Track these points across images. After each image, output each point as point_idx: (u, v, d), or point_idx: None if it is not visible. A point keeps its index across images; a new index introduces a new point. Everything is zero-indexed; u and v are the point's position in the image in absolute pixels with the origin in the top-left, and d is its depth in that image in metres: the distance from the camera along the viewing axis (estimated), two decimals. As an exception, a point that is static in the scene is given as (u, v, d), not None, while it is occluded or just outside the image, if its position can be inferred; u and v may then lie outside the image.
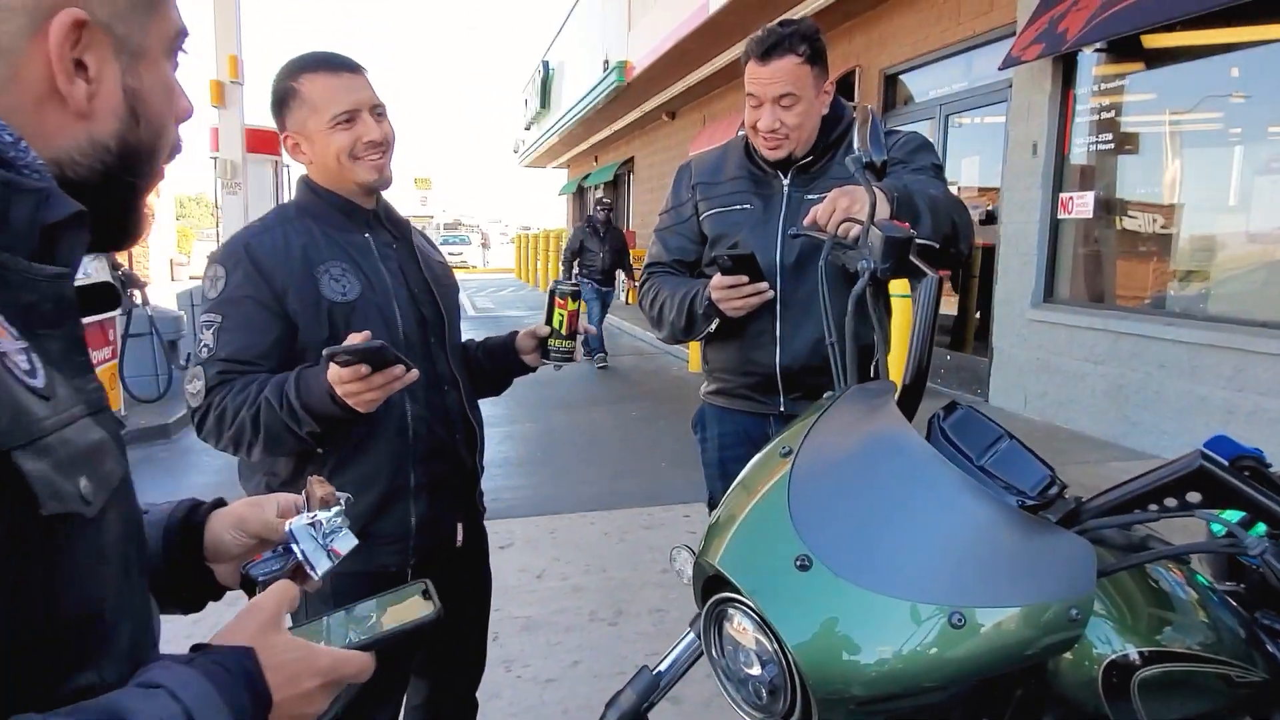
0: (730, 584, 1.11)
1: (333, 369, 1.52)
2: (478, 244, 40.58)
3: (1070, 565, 1.04)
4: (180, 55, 0.78)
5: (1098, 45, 6.05)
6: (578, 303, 1.77)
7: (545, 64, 22.44)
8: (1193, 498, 1.01)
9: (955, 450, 1.18)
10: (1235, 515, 1.20)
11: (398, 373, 1.60)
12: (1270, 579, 1.40)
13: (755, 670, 1.11)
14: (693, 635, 1.34)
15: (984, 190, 7.68)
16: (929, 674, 1.01)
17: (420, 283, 1.78)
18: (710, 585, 1.17)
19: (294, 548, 0.91)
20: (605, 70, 14.64)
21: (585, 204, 26.36)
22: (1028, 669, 1.17)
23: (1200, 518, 1.01)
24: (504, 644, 3.21)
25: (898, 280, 4.22)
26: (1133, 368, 5.73)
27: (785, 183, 2.01)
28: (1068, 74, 6.41)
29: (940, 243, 1.67)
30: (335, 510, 0.92)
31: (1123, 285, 6.30)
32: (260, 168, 12.28)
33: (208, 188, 12.47)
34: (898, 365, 1.37)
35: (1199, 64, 5.58)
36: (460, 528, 1.83)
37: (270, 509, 0.96)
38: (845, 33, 9.33)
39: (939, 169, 2.02)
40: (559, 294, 1.78)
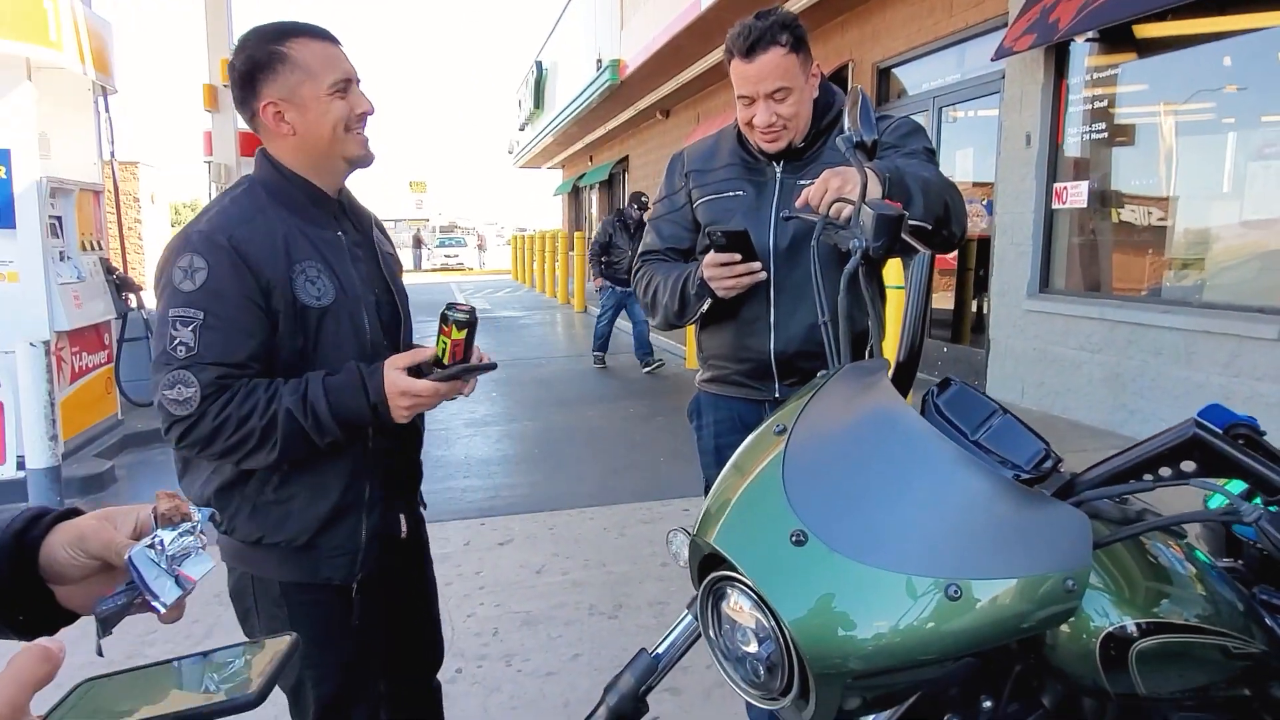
0: (726, 563, 1.11)
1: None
2: (473, 246, 40.52)
3: (1066, 537, 1.04)
4: None
5: (1089, 35, 6.06)
6: (463, 331, 1.60)
7: (538, 64, 22.45)
8: (1187, 467, 1.01)
9: (949, 426, 1.18)
10: (1238, 487, 1.21)
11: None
12: (1267, 547, 1.40)
13: (752, 648, 1.11)
14: (691, 617, 1.34)
15: (979, 184, 7.68)
16: (926, 647, 1.01)
17: (382, 284, 1.73)
18: (706, 565, 1.17)
19: (132, 576, 0.76)
20: (598, 69, 14.65)
21: (581, 203, 26.36)
22: (1026, 644, 1.17)
23: (1195, 486, 1.01)
24: (504, 639, 3.21)
25: (893, 271, 4.21)
26: (1129, 356, 5.74)
27: (778, 169, 2.01)
28: (1060, 64, 6.42)
29: (933, 224, 1.66)
30: (182, 529, 0.78)
31: (1118, 274, 6.30)
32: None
33: (201, 193, 12.38)
34: (893, 352, 1.37)
35: (1191, 52, 5.59)
36: (403, 519, 1.79)
37: (125, 525, 0.81)
38: (838, 27, 9.33)
39: (931, 153, 2.01)
40: (445, 319, 1.66)
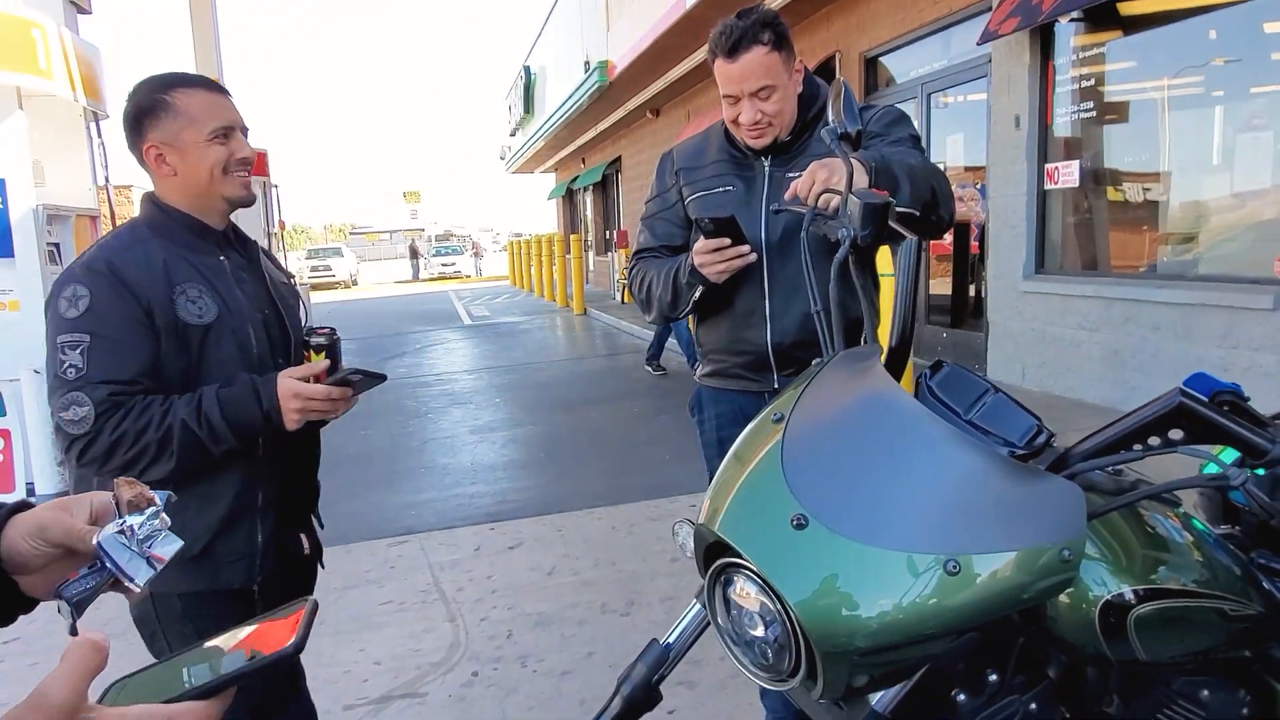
0: (731, 550, 1.13)
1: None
2: (469, 254, 40.55)
3: (1060, 509, 1.07)
4: None
5: (1073, 15, 6.08)
6: (321, 354, 1.66)
7: (527, 69, 22.46)
8: (1175, 435, 1.04)
9: (943, 407, 1.21)
10: (1232, 455, 1.23)
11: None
12: (1255, 509, 1.42)
13: (760, 631, 1.14)
14: (700, 606, 1.37)
15: (970, 168, 7.70)
16: (929, 622, 1.03)
17: (270, 305, 1.81)
18: (711, 552, 1.20)
19: (105, 561, 0.80)
20: (587, 71, 14.66)
21: (575, 206, 26.38)
22: (1028, 617, 1.19)
23: (1183, 454, 1.03)
24: (518, 640, 3.24)
25: (885, 259, 4.24)
26: (1127, 332, 5.76)
27: (766, 163, 2.03)
28: (1045, 45, 6.44)
29: (920, 210, 1.68)
30: (149, 512, 0.83)
31: (1113, 252, 6.32)
32: (249, 189, 12.32)
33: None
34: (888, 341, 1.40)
35: (1176, 27, 5.60)
36: (304, 537, 1.91)
37: (81, 513, 0.84)
38: (823, 18, 9.35)
39: (916, 139, 2.03)
40: (306, 345, 1.73)
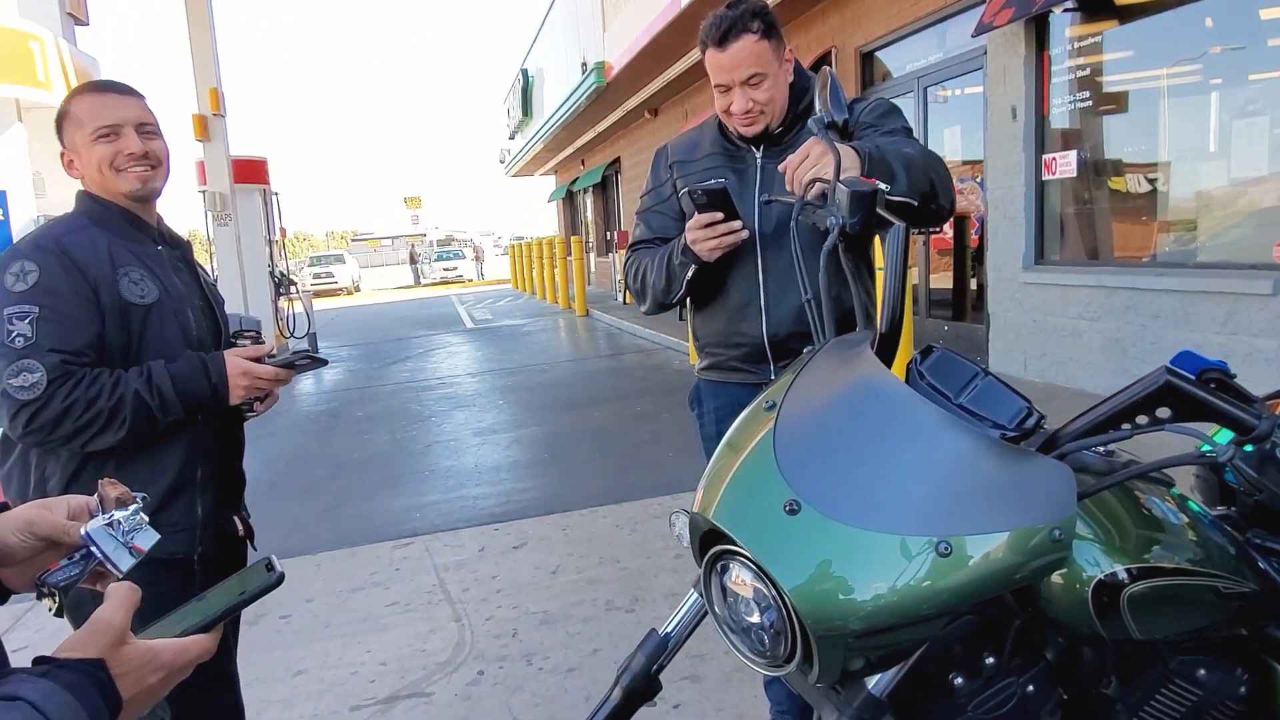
0: (725, 537, 1.14)
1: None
2: (471, 258, 40.60)
3: (1051, 489, 1.07)
4: None
5: (1067, 5, 6.08)
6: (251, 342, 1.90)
7: (524, 72, 22.50)
8: (1162, 413, 1.05)
9: (934, 391, 1.22)
10: (1226, 436, 1.24)
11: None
12: (1242, 484, 1.43)
13: (756, 618, 1.14)
14: (697, 595, 1.38)
15: (969, 162, 7.69)
16: (922, 604, 1.04)
17: (203, 299, 1.92)
18: (706, 541, 1.20)
19: (93, 550, 0.92)
20: (584, 72, 14.69)
21: (576, 208, 26.40)
22: (1023, 599, 1.20)
23: (1171, 432, 1.04)
24: (524, 639, 3.25)
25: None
26: (1128, 321, 5.76)
27: (758, 154, 2.04)
28: (1040, 36, 6.43)
29: (919, 200, 1.68)
30: (133, 508, 0.94)
31: (1113, 241, 6.32)
32: (249, 197, 12.35)
33: (197, 223, 12.42)
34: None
35: (1171, 15, 5.60)
36: (238, 520, 1.99)
37: (61, 511, 0.96)
38: (819, 14, 9.36)
39: (908, 131, 2.04)
40: (232, 344, 1.90)
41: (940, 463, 1.09)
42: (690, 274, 1.98)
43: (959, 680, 1.23)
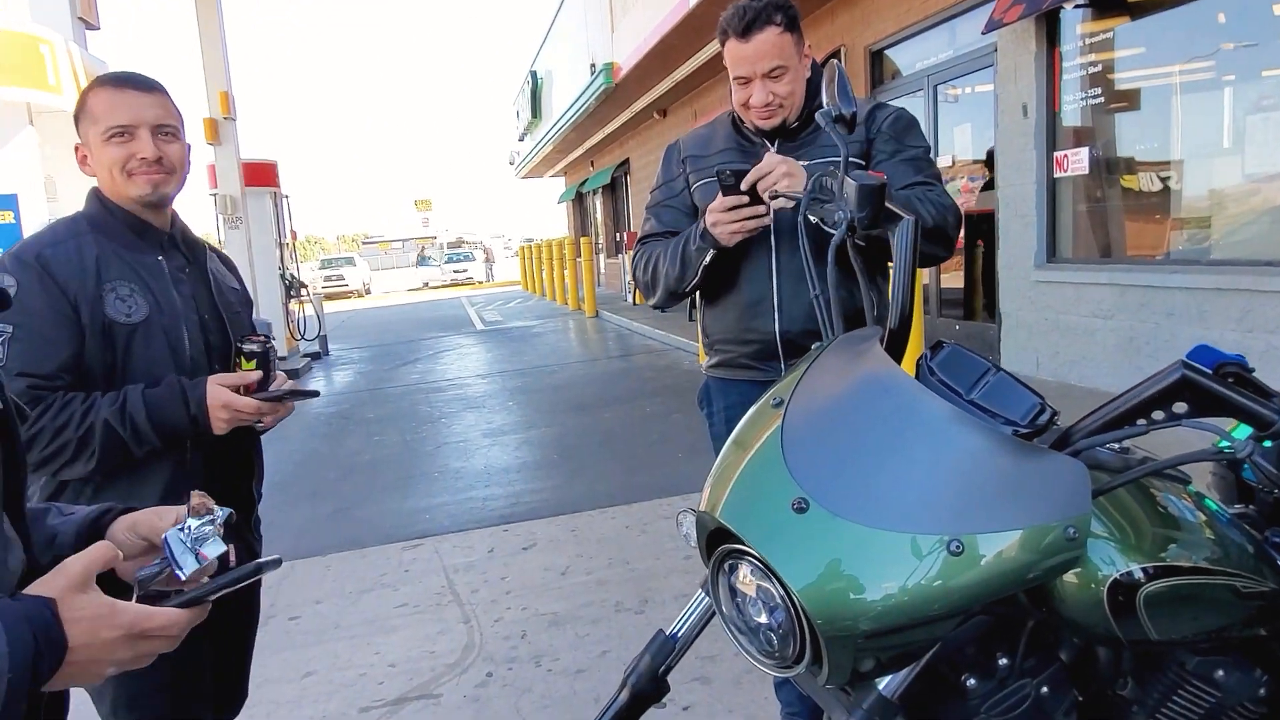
0: (733, 536, 1.12)
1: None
2: (481, 259, 40.74)
3: (1065, 486, 1.05)
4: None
5: (1078, 1, 6.04)
6: (253, 362, 1.65)
7: (533, 74, 22.52)
8: (1179, 408, 1.02)
9: (945, 387, 1.20)
10: (1244, 432, 1.21)
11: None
12: (1261, 481, 1.40)
13: (764, 618, 1.13)
14: (705, 596, 1.36)
15: (978, 161, 7.65)
16: (933, 603, 1.02)
17: (210, 309, 1.78)
18: (714, 541, 1.19)
19: (165, 552, 0.98)
20: (593, 74, 14.68)
21: (585, 209, 26.40)
22: (1037, 599, 1.18)
23: (1188, 427, 1.02)
24: (533, 640, 3.24)
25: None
26: (1142, 319, 5.71)
27: (773, 150, 2.02)
28: (1051, 32, 6.39)
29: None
30: (204, 520, 0.99)
31: (1126, 238, 6.27)
32: (259, 200, 12.40)
33: (209, 226, 12.45)
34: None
35: (1183, 10, 5.55)
36: (233, 550, 1.81)
37: (167, 517, 1.03)
38: (828, 13, 9.33)
39: (927, 151, 2.04)
40: (238, 352, 1.71)
41: (952, 460, 1.07)
42: (707, 259, 1.96)
43: (971, 681, 1.21)
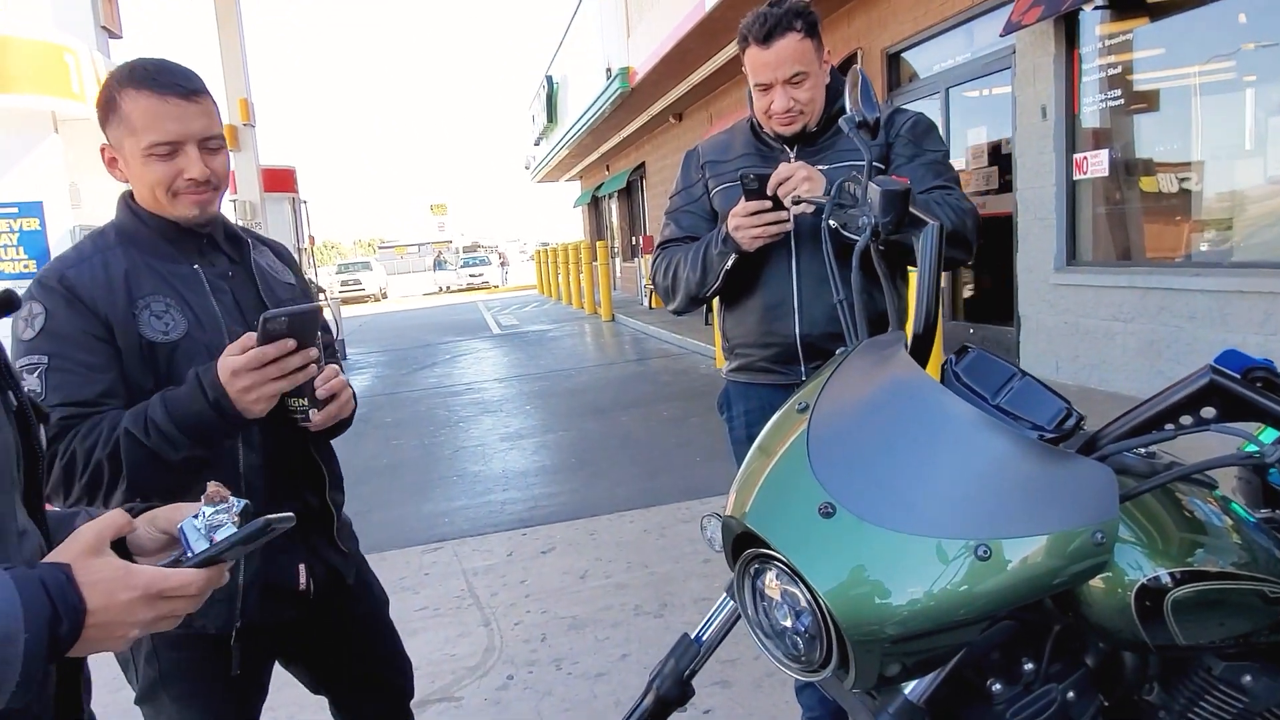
0: (759, 541, 1.13)
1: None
2: (497, 263, 40.98)
3: (1092, 491, 1.05)
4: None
5: (1098, 2, 6.01)
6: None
7: (549, 79, 22.57)
8: (1207, 413, 1.02)
9: (970, 392, 1.20)
10: (1271, 435, 1.20)
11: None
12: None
13: (790, 622, 1.13)
14: (730, 600, 1.37)
15: (995, 161, 7.61)
16: (960, 608, 1.02)
17: (258, 313, 1.54)
18: (740, 544, 1.19)
19: (181, 539, 0.99)
20: (609, 78, 14.71)
21: (601, 213, 26.45)
22: (1063, 604, 1.18)
23: (1216, 432, 1.02)
24: (552, 644, 3.25)
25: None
26: (1163, 322, 5.66)
27: (792, 155, 2.03)
28: (1070, 34, 6.36)
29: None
30: (219, 507, 1.00)
31: (1145, 241, 6.22)
32: (278, 205, 12.51)
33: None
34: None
35: (1203, 11, 5.51)
36: (303, 569, 1.63)
37: (185, 510, 1.04)
38: (844, 16, 9.31)
39: (946, 155, 2.05)
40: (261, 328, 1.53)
41: (978, 464, 1.07)
42: (729, 264, 1.97)
43: (997, 686, 1.21)
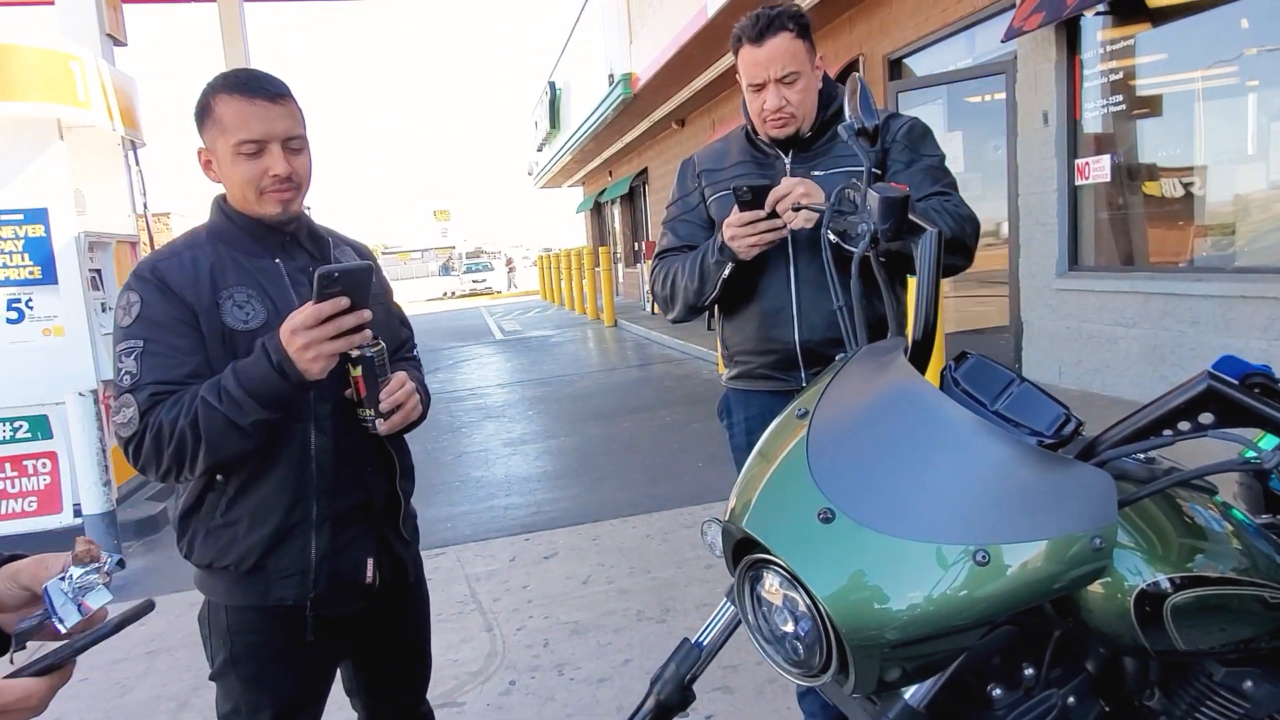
0: (759, 546, 1.13)
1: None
2: (503, 268, 41.11)
3: (1090, 497, 1.05)
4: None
5: (1099, 8, 6.02)
6: (358, 368, 1.56)
7: (551, 85, 22.63)
8: (1205, 419, 1.02)
9: (969, 398, 1.20)
10: (1272, 442, 1.20)
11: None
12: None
13: (790, 627, 1.13)
14: (730, 605, 1.37)
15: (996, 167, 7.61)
16: (960, 613, 1.02)
17: None
18: (740, 551, 1.20)
19: (46, 603, 0.92)
20: (611, 84, 14.75)
21: (603, 219, 26.48)
22: (1063, 609, 1.18)
23: (1214, 438, 1.02)
24: (555, 649, 3.25)
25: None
26: (1165, 327, 5.66)
27: (787, 161, 2.04)
28: (1071, 40, 6.37)
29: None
30: (89, 568, 0.92)
31: (1148, 246, 6.23)
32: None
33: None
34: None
35: (1204, 17, 5.52)
36: (370, 564, 1.73)
37: (54, 566, 0.96)
38: (846, 22, 9.33)
39: (942, 159, 2.05)
40: (344, 359, 1.59)
41: (977, 470, 1.08)
42: (726, 273, 1.98)
43: (997, 691, 1.21)
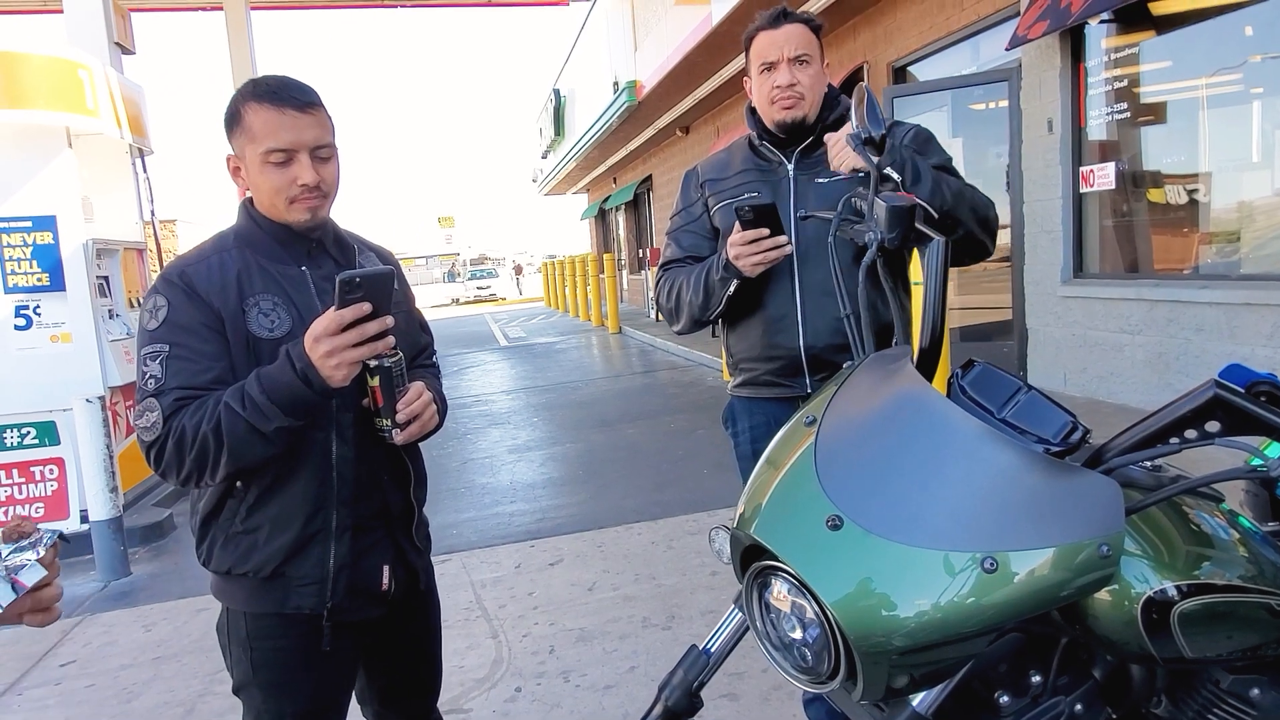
0: (767, 553, 1.14)
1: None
2: (510, 274, 41.23)
3: (1098, 504, 1.06)
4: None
5: (1104, 16, 6.03)
6: (375, 377, 1.55)
7: (556, 92, 22.69)
8: (1212, 427, 1.03)
9: (976, 406, 1.21)
10: (1278, 450, 1.21)
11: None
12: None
13: (798, 634, 1.14)
14: (738, 611, 1.38)
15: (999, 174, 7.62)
16: (967, 620, 1.03)
17: None
18: (748, 558, 1.20)
19: None
20: (615, 91, 14.79)
21: (608, 226, 26.52)
22: (1070, 616, 1.18)
23: (1220, 445, 1.03)
24: (561, 656, 3.25)
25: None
26: (1170, 334, 5.66)
27: (790, 167, 2.05)
28: (1076, 48, 6.38)
29: (939, 213, 1.74)
30: (21, 545, 0.93)
31: (1153, 253, 6.22)
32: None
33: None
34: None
35: (1209, 25, 5.53)
36: (386, 571, 1.75)
37: None
38: (850, 30, 9.36)
39: (950, 162, 2.07)
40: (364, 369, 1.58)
41: (984, 478, 1.08)
42: (730, 290, 1.99)
43: (1005, 698, 1.22)
